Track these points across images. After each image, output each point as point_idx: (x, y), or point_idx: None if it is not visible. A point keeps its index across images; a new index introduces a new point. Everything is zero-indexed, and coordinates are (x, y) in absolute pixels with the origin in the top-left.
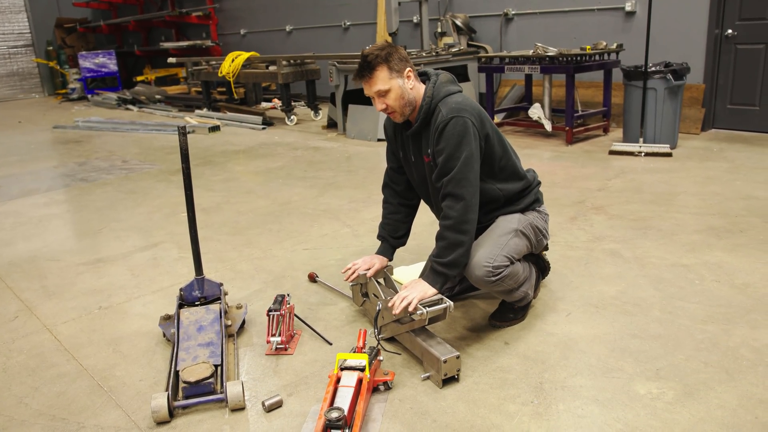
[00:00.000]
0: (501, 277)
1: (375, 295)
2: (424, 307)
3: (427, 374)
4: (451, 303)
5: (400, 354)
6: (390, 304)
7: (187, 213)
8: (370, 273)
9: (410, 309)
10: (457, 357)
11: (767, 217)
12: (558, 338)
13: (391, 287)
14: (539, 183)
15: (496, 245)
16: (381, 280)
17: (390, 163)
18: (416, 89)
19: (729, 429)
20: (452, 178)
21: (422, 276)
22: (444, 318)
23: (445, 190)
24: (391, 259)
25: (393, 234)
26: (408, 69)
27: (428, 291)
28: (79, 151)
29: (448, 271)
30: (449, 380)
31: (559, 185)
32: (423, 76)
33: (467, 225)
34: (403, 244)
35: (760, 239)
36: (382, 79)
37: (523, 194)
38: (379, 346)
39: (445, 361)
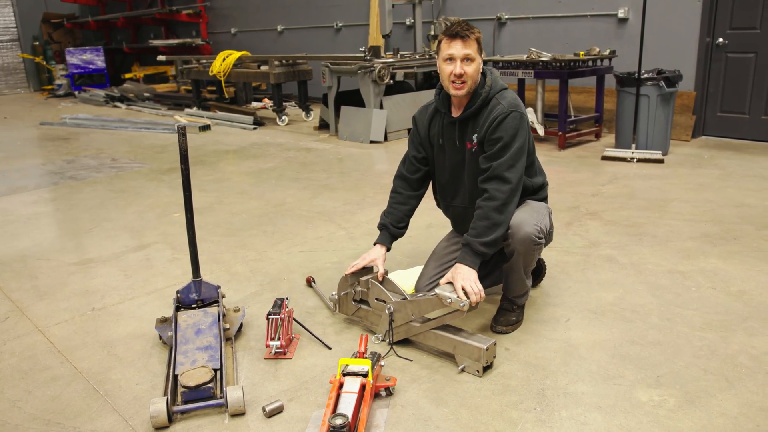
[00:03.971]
0: (541, 243)
1: (380, 299)
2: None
3: (462, 366)
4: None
5: (411, 360)
6: (458, 296)
7: (186, 214)
8: (380, 273)
9: (478, 292)
10: (494, 344)
11: (760, 225)
12: (558, 344)
13: (393, 290)
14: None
15: (539, 214)
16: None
17: (413, 153)
18: (480, 75)
19: None
20: (503, 163)
21: (461, 259)
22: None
23: (494, 173)
24: (389, 249)
25: (396, 223)
26: (482, 54)
27: (473, 273)
28: (67, 149)
29: (488, 250)
30: (485, 368)
31: (553, 190)
32: None
33: (510, 206)
34: (402, 234)
35: (754, 247)
36: (474, 47)
37: (542, 188)
38: (392, 350)
39: (487, 349)
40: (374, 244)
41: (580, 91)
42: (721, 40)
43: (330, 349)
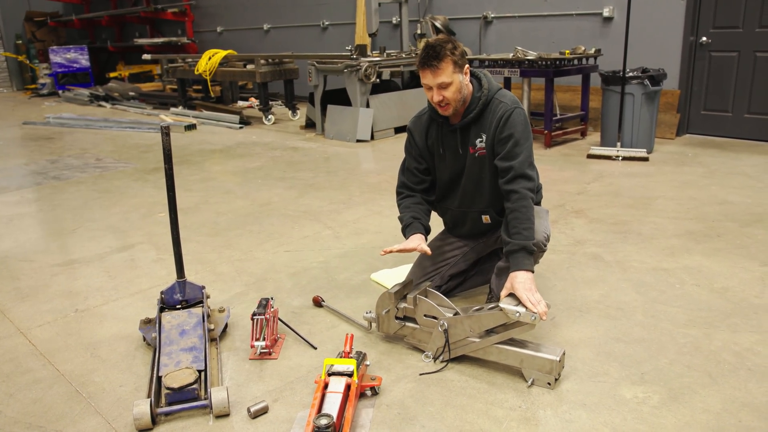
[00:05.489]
0: (545, 250)
1: (430, 315)
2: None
3: (531, 380)
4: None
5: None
6: (527, 310)
7: (169, 214)
8: (424, 247)
9: (540, 302)
10: (564, 353)
11: (743, 222)
12: (543, 342)
13: (442, 304)
14: None
15: (543, 221)
16: (425, 298)
17: (415, 165)
18: (468, 86)
19: None
20: (523, 161)
21: (516, 266)
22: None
23: (518, 172)
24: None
25: (420, 217)
26: (467, 66)
27: (532, 280)
28: (51, 148)
29: (530, 244)
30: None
31: None
32: None
33: (533, 202)
34: (429, 230)
35: (737, 244)
36: (447, 72)
37: (538, 190)
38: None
39: (559, 360)
40: (408, 237)
41: (566, 90)
42: (704, 38)
43: (315, 349)
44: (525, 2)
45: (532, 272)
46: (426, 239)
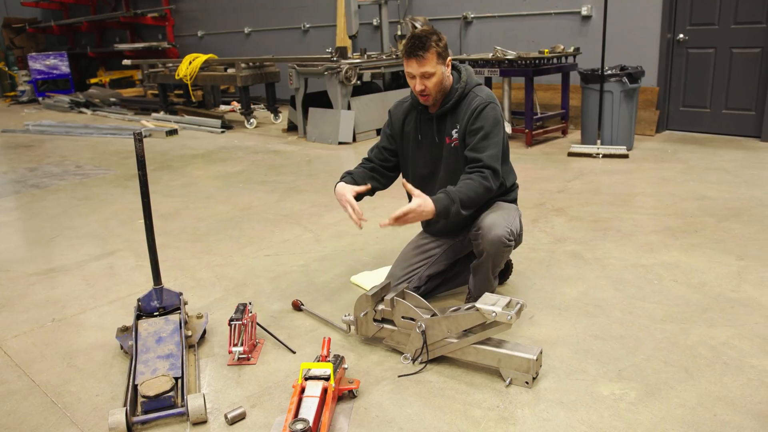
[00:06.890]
0: (511, 245)
1: (408, 317)
2: (510, 310)
3: (509, 379)
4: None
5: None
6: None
7: (144, 221)
8: (362, 189)
9: (403, 218)
10: (541, 352)
11: (720, 217)
12: (522, 341)
13: (420, 305)
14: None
15: (509, 216)
16: (403, 300)
17: (384, 144)
18: (449, 77)
19: (689, 427)
20: (493, 156)
21: (433, 199)
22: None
23: (486, 163)
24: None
25: (353, 175)
26: (449, 58)
27: (429, 213)
28: (30, 156)
29: (455, 206)
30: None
31: (520, 187)
32: None
33: (488, 196)
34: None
35: (714, 239)
36: (432, 63)
37: (513, 188)
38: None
39: (536, 359)
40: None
41: (546, 89)
42: (681, 36)
43: (294, 353)
44: (504, 2)
45: (434, 213)
46: (356, 191)
